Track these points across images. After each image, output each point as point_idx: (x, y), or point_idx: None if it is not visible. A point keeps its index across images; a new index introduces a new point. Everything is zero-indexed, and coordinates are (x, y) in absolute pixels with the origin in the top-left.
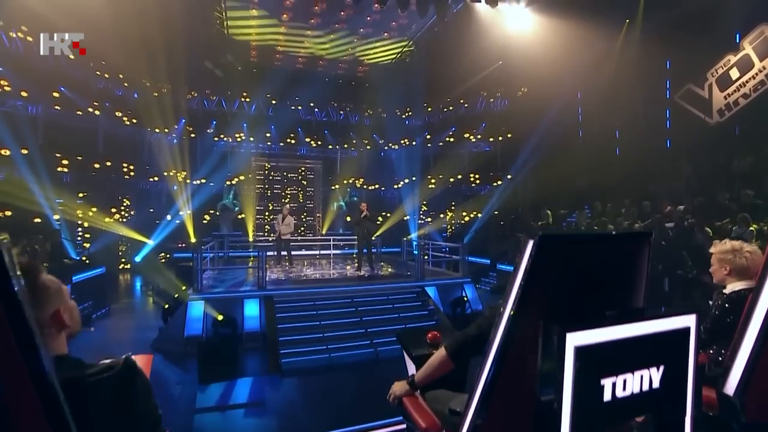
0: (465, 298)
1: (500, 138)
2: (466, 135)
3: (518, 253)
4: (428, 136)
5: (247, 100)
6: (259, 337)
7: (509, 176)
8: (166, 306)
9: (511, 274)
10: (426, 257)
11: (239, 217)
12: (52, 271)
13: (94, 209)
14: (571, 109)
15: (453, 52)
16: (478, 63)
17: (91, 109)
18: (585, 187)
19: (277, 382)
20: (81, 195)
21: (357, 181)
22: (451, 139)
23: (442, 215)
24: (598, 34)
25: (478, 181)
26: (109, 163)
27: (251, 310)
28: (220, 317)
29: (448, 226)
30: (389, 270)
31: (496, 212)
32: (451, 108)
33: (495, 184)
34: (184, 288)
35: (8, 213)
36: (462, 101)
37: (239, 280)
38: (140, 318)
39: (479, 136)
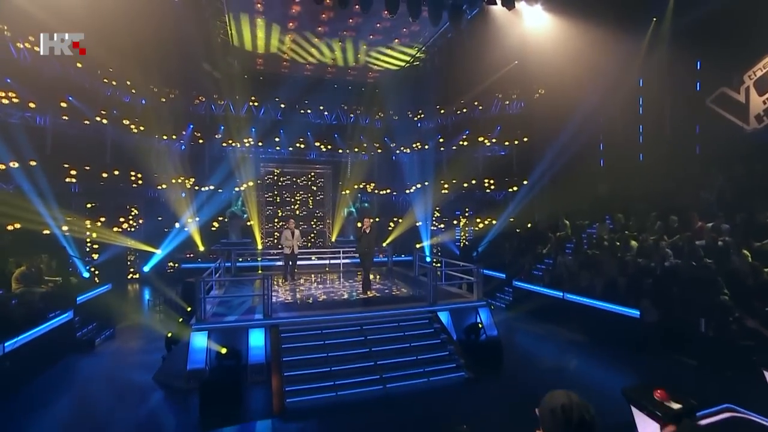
0: (480, 325)
1: (516, 142)
2: (481, 138)
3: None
4: (441, 140)
5: (256, 104)
6: (265, 370)
7: (525, 182)
8: (170, 334)
9: None
10: (439, 273)
11: (248, 224)
12: (56, 293)
13: (103, 219)
14: (591, 113)
15: (467, 54)
16: (493, 64)
17: (98, 118)
18: (606, 195)
19: (282, 429)
20: (89, 205)
21: (368, 186)
22: (465, 143)
23: (455, 222)
24: (621, 32)
25: (492, 187)
26: (116, 172)
27: (256, 340)
28: (224, 350)
29: (462, 236)
30: (402, 290)
31: (511, 219)
32: (464, 110)
33: (511, 189)
34: (183, 317)
35: (18, 225)
36: (476, 103)
37: (244, 305)
38: (146, 340)
39: (494, 140)
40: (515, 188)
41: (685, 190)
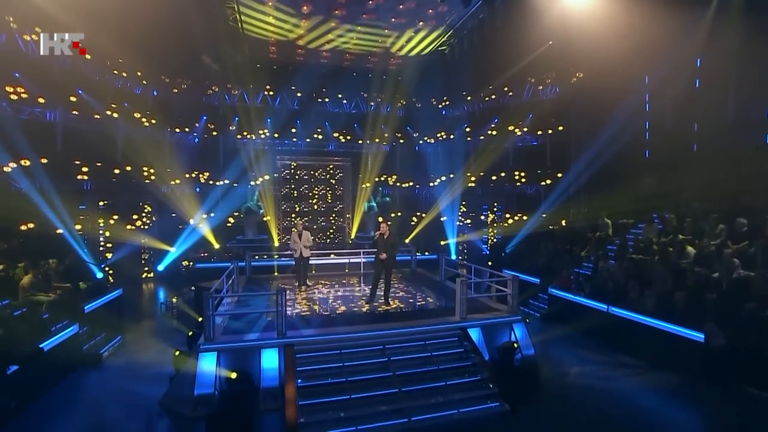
0: (515, 345)
1: (550, 131)
2: (511, 127)
3: None
4: (468, 129)
5: (271, 93)
6: (278, 394)
7: (560, 175)
8: (177, 353)
9: None
10: (467, 277)
11: (264, 219)
12: (63, 301)
13: (116, 217)
14: (637, 97)
15: (498, 36)
16: (526, 46)
17: (109, 112)
18: (653, 191)
19: None
20: (102, 203)
21: (389, 179)
22: (494, 132)
23: (482, 217)
24: (678, 4)
25: (523, 180)
26: (129, 168)
27: (270, 361)
28: (234, 375)
29: (489, 234)
30: (428, 299)
31: (543, 215)
32: (493, 97)
33: (543, 183)
34: (194, 329)
35: (31, 225)
36: (506, 89)
37: (258, 320)
38: (157, 351)
39: (526, 129)
40: (548, 181)
41: (754, 187)
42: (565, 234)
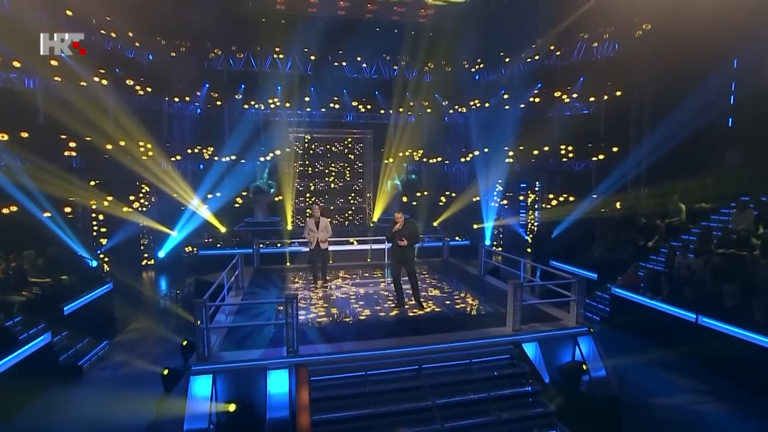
0: (584, 366)
1: (605, 97)
2: (558, 93)
3: None
4: (506, 96)
5: (281, 56)
6: (288, 428)
7: (616, 149)
8: (166, 372)
9: None
10: (527, 283)
11: (276, 199)
12: (40, 300)
13: (110, 198)
14: (721, 50)
15: None
16: None
17: (97, 78)
18: (737, 169)
19: None
20: (93, 182)
21: (415, 154)
22: (537, 99)
23: (521, 198)
24: None
25: (571, 155)
26: (122, 143)
27: (278, 385)
28: (233, 407)
29: (529, 217)
30: (468, 301)
31: (594, 195)
32: (537, 57)
33: (595, 158)
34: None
35: (14, 208)
36: (553, 48)
37: (263, 331)
38: (150, 359)
39: (575, 95)
40: (601, 157)
41: None
42: (626, 220)
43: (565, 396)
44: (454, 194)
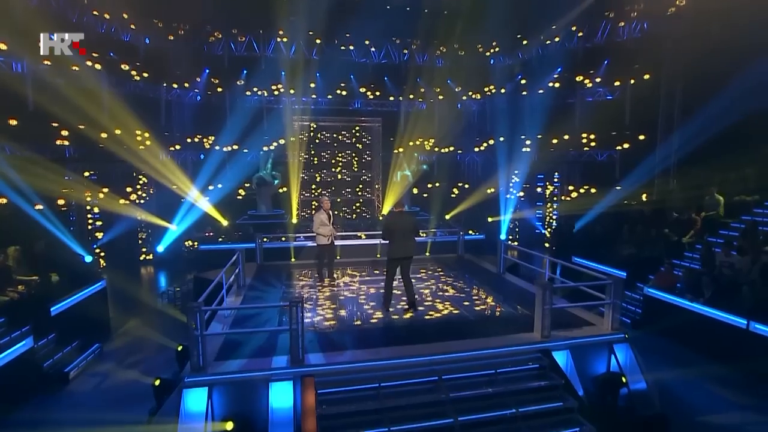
0: (623, 378)
1: (632, 81)
2: (579, 78)
3: None
4: (523, 81)
5: (284, 40)
6: None
7: (643, 137)
8: (157, 382)
9: None
10: (559, 284)
11: (280, 191)
12: (25, 301)
13: (105, 190)
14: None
15: None
16: None
17: (90, 62)
18: None
19: None
20: (87, 173)
21: (426, 143)
22: (557, 85)
23: (538, 189)
24: None
25: (593, 144)
26: (118, 131)
27: (282, 399)
28: (229, 426)
29: (547, 210)
30: (487, 302)
31: (618, 187)
32: (557, 39)
33: (619, 147)
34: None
35: (3, 201)
36: (575, 29)
37: (265, 336)
38: (145, 363)
39: (598, 79)
40: (626, 146)
41: None
42: (656, 214)
43: (604, 412)
44: (467, 186)
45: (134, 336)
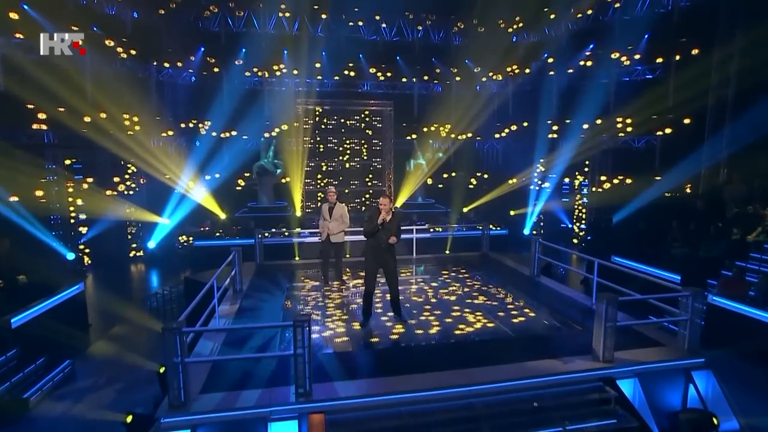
0: (714, 420)
1: (677, 57)
2: (615, 55)
3: None
4: (550, 60)
5: (287, 15)
6: None
7: (687, 120)
8: (129, 419)
9: None
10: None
11: (282, 181)
12: None
13: (90, 180)
14: None
15: None
16: None
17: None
18: None
19: None
20: (69, 161)
21: (442, 129)
22: (588, 63)
23: (566, 179)
24: None
25: (629, 129)
26: (103, 115)
27: None
28: None
29: (576, 202)
30: (524, 309)
31: (657, 177)
32: (589, 12)
33: (660, 133)
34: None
35: None
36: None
37: (262, 362)
38: (119, 386)
39: (637, 56)
40: (668, 130)
41: None
42: (712, 208)
43: None
44: (486, 176)
45: (113, 349)
